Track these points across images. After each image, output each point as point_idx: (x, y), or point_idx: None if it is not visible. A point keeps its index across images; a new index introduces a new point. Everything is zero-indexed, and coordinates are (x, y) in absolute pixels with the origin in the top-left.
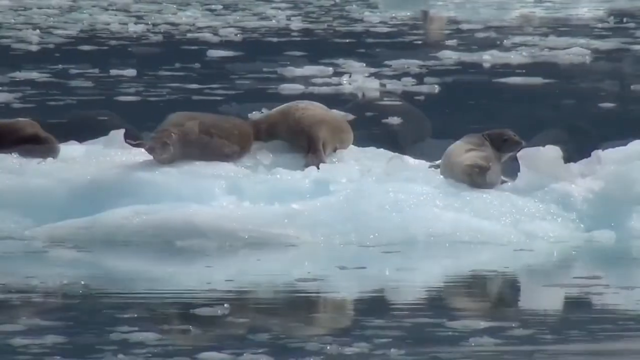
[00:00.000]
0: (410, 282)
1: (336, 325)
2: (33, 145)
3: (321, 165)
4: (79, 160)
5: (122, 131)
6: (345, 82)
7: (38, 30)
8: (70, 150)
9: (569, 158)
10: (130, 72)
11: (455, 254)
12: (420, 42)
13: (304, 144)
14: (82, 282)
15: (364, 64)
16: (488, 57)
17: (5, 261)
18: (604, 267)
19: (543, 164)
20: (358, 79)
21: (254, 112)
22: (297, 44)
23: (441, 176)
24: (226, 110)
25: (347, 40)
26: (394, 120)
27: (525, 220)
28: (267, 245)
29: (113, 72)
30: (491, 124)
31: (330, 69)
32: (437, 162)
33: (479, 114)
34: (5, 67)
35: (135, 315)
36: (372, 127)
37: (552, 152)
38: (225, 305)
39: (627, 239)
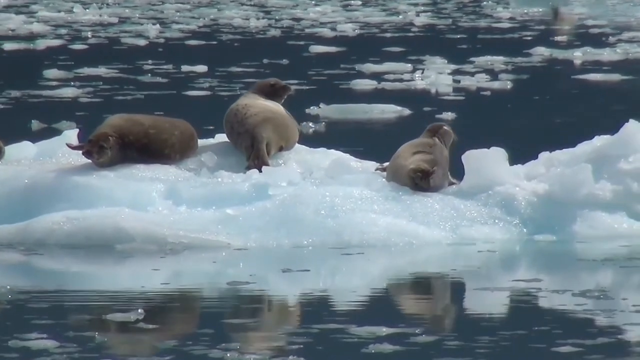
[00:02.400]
0: (332, 288)
1: (246, 332)
2: None
3: (263, 168)
4: (23, 162)
5: (76, 131)
6: (417, 78)
7: (158, 25)
8: (21, 150)
9: (516, 160)
10: (201, 67)
11: (387, 260)
12: (530, 38)
13: (248, 145)
14: (8, 287)
15: (446, 61)
16: (579, 54)
17: None
18: (539, 272)
19: (488, 166)
20: (431, 75)
21: (312, 107)
22: (405, 40)
23: (383, 179)
24: (284, 104)
25: (458, 36)
26: (448, 115)
27: (465, 224)
28: (204, 249)
29: (185, 67)
30: (545, 118)
31: (410, 66)
32: (386, 164)
33: (538, 110)
34: (93, 61)
35: (51, 322)
36: (426, 121)
37: (497, 154)
38: (140, 310)
39: (569, 242)
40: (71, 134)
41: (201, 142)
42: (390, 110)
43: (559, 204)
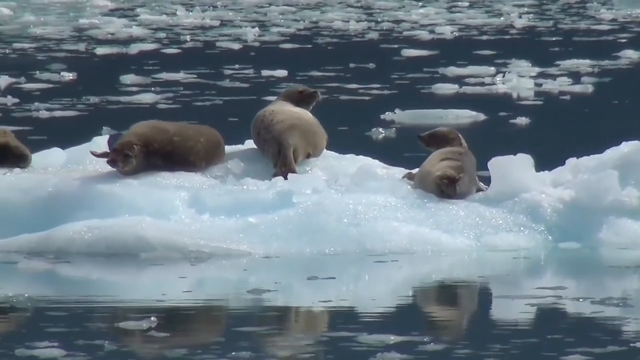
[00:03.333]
0: (352, 296)
1: (257, 340)
2: (3, 154)
3: (289, 175)
4: (50, 169)
5: (106, 137)
6: (498, 81)
7: (257, 28)
8: (51, 157)
9: (543, 166)
10: (281, 72)
11: (412, 268)
12: (624, 40)
13: (275, 151)
14: (26, 295)
15: (530, 64)
16: None
17: None
18: (562, 279)
19: (514, 173)
20: (512, 78)
21: (387, 113)
22: (499, 43)
23: (409, 186)
24: (360, 110)
25: (553, 39)
26: (522, 120)
27: (490, 232)
28: (230, 258)
29: (265, 72)
30: (619, 123)
31: (493, 69)
32: (414, 170)
33: (615, 114)
34: (183, 66)
35: (64, 330)
36: (499, 126)
37: (522, 161)
38: (153, 318)
39: (594, 250)
40: (101, 141)
41: (229, 148)
42: (464, 116)
43: (585, 210)
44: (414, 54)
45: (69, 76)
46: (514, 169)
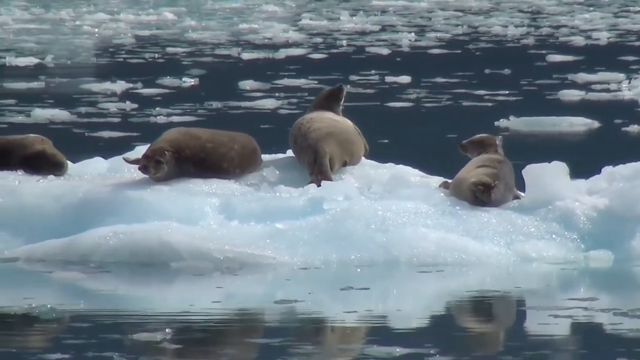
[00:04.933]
0: (376, 307)
1: (267, 352)
2: (39, 162)
3: (322, 182)
4: (86, 177)
5: (148, 146)
6: (624, 88)
7: (413, 34)
8: (92, 166)
9: (578, 174)
10: (405, 78)
11: (431, 276)
12: None
13: (311, 159)
14: (49, 305)
15: None
16: None
17: None
18: (590, 290)
19: (548, 180)
20: (638, 85)
21: (501, 120)
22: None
23: (442, 194)
24: (478, 116)
25: None
26: (634, 128)
27: (521, 240)
28: (265, 267)
29: (388, 78)
30: None
31: (622, 75)
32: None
33: None
34: (321, 71)
35: (80, 342)
36: (608, 135)
37: (557, 169)
38: (167, 330)
39: (626, 259)
40: (143, 150)
41: (267, 157)
42: (578, 123)
43: (618, 219)
44: (558, 59)
45: (190, 82)
46: (548, 176)
